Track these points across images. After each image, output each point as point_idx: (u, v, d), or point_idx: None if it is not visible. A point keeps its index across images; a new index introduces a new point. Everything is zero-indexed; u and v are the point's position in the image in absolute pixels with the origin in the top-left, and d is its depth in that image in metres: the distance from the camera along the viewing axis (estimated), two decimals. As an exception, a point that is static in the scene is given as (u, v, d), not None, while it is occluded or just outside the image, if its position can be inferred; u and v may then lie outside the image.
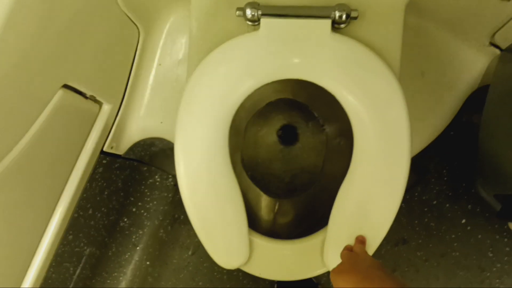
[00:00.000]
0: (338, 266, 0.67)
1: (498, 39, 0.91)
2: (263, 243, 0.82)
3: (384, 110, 0.76)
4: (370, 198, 0.77)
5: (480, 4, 0.81)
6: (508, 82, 0.85)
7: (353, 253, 0.72)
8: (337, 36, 0.78)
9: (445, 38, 1.00)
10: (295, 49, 0.79)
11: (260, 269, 0.82)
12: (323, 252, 0.79)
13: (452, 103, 1.07)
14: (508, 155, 0.78)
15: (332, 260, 0.78)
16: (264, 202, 0.99)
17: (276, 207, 0.99)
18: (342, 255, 0.72)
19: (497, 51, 0.96)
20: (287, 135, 1.05)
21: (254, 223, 0.85)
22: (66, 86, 0.79)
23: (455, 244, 1.23)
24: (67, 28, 0.73)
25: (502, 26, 0.85)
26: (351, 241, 0.77)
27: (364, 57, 0.78)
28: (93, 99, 0.91)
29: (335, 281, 0.63)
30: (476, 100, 1.05)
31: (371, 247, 0.77)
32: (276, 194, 1.00)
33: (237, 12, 0.81)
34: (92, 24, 0.81)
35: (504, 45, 0.91)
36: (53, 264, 0.98)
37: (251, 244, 0.81)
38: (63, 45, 0.74)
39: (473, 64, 1.01)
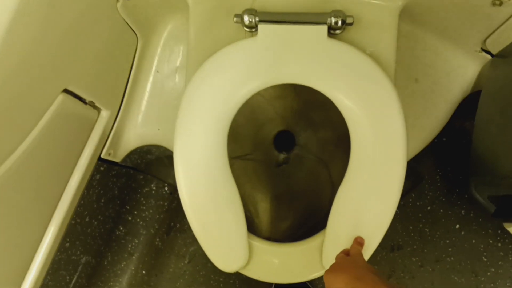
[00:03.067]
0: (331, 266, 0.67)
1: (489, 45, 0.93)
2: (262, 246, 0.82)
3: (380, 113, 0.78)
4: (367, 201, 0.78)
5: (472, 10, 0.82)
6: (498, 85, 0.87)
7: (347, 256, 0.72)
8: (333, 42, 0.80)
9: (438, 45, 1.02)
10: (292, 54, 0.80)
11: (259, 272, 0.82)
12: (321, 254, 0.80)
13: (446, 109, 1.09)
14: (500, 154, 0.80)
15: (331, 262, 0.78)
16: (263, 207, 1.00)
17: (275, 212, 1.00)
18: (336, 257, 0.73)
19: (488, 57, 0.98)
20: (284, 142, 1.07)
21: (253, 228, 0.86)
22: (66, 91, 0.79)
23: (450, 249, 1.24)
24: (68, 32, 0.74)
25: (493, 32, 0.86)
26: (349, 243, 0.78)
27: (360, 61, 0.79)
28: (92, 105, 0.91)
29: (327, 280, 0.63)
30: (468, 107, 1.07)
31: (369, 249, 0.78)
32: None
33: (235, 18, 0.82)
34: (92, 30, 0.82)
35: (495, 51, 0.93)
36: (50, 271, 0.97)
37: (250, 247, 0.81)
38: (64, 50, 0.74)
39: (465, 70, 1.03)
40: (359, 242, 0.77)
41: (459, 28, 0.93)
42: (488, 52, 0.97)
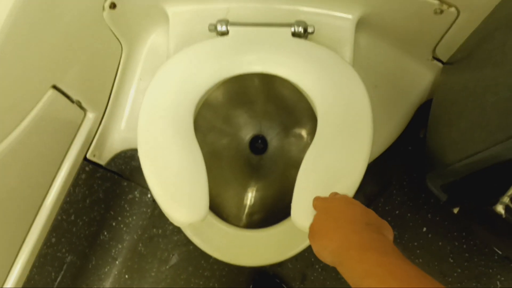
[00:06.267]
0: (314, 222, 0.56)
1: (439, 53, 1.01)
2: (233, 232, 0.87)
3: (340, 82, 0.82)
4: (337, 157, 0.77)
5: (418, 19, 0.91)
6: (447, 90, 0.95)
7: (327, 198, 0.62)
8: (296, 39, 0.88)
9: (394, 53, 1.10)
10: (258, 46, 0.87)
11: (231, 256, 0.86)
12: (291, 213, 0.74)
13: (403, 114, 1.16)
14: (446, 148, 0.86)
15: (302, 215, 0.71)
16: (236, 200, 1.05)
17: (249, 204, 1.06)
18: (315, 206, 0.62)
19: (440, 65, 1.05)
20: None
21: (227, 221, 0.90)
22: (55, 88, 0.86)
23: (418, 251, 1.29)
24: (58, 35, 0.81)
25: (440, 39, 0.95)
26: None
27: (320, 49, 0.86)
28: (79, 104, 0.97)
29: (318, 242, 0.53)
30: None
31: None
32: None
33: (209, 27, 0.91)
34: (80, 35, 0.89)
35: (444, 58, 1.01)
36: (37, 264, 1.00)
37: (221, 232, 0.86)
38: (54, 50, 0.81)
39: (420, 77, 1.12)
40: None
41: (410, 37, 1.02)
42: (439, 60, 1.05)
